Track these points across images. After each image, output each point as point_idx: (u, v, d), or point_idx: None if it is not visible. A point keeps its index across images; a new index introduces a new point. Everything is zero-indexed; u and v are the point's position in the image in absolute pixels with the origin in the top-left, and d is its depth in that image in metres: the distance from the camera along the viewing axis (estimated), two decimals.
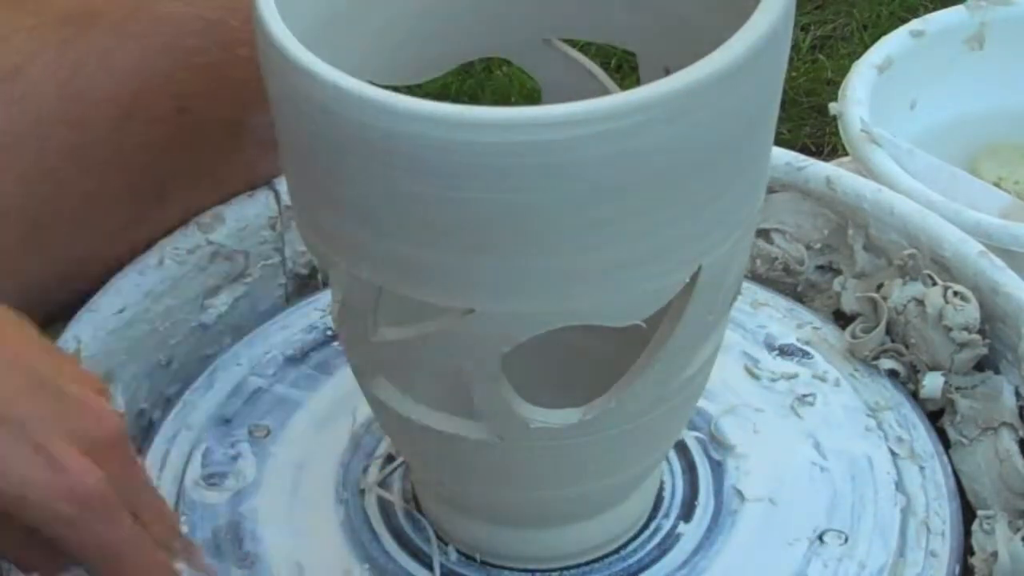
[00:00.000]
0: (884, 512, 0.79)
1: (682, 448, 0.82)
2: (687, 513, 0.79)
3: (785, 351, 0.88)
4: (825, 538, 0.77)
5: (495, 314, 0.60)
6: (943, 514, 0.79)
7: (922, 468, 0.82)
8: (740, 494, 0.79)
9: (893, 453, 0.82)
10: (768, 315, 0.91)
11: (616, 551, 0.77)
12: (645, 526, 0.78)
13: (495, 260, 0.58)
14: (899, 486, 0.80)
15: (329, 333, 0.90)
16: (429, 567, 0.76)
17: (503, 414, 0.64)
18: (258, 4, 0.59)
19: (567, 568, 0.77)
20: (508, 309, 0.60)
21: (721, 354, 0.71)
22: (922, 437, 0.84)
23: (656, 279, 0.60)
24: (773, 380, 0.86)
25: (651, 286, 0.60)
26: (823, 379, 0.87)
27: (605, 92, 0.71)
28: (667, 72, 0.66)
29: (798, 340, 0.89)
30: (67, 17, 0.82)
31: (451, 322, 0.60)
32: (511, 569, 0.76)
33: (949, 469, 0.82)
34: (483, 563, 0.77)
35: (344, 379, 0.85)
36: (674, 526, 0.78)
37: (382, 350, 0.65)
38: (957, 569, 0.77)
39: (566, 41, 0.76)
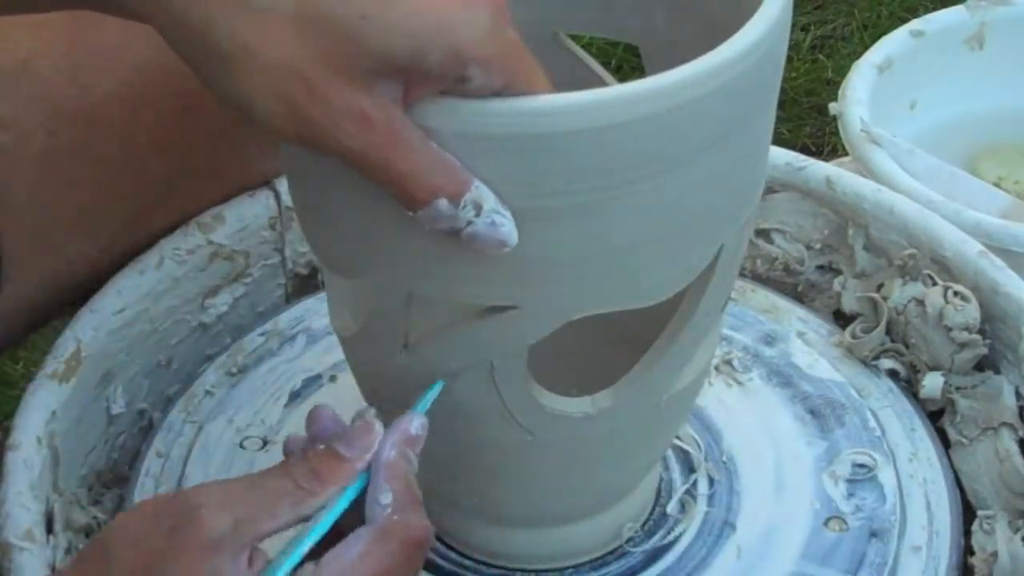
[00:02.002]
0: (884, 511, 0.79)
1: (683, 450, 0.82)
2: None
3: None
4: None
5: (538, 308, 0.60)
6: (943, 514, 0.79)
7: (922, 468, 0.82)
8: (738, 493, 0.80)
9: (893, 453, 0.82)
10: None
11: (615, 550, 0.77)
12: (644, 525, 0.78)
13: (543, 253, 0.58)
14: (899, 486, 0.80)
15: None
16: (431, 569, 0.77)
17: (526, 404, 0.64)
18: None
19: (569, 568, 0.77)
20: (551, 303, 0.60)
21: None
22: (922, 437, 0.84)
23: (685, 258, 0.62)
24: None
25: (681, 265, 0.62)
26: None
27: None
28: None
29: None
30: (74, 15, 0.82)
31: (489, 320, 0.60)
32: (512, 569, 0.77)
33: (949, 469, 0.82)
34: (483, 564, 0.77)
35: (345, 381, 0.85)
36: (672, 526, 0.78)
37: (410, 359, 0.65)
38: (957, 569, 0.77)
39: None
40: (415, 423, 0.61)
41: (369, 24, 0.51)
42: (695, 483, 0.80)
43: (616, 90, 0.55)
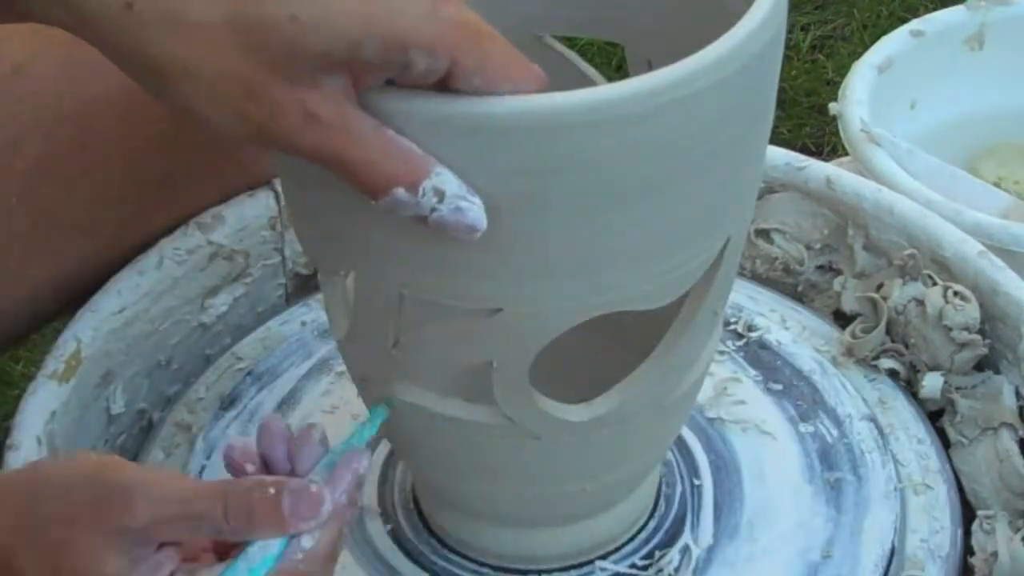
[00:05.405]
0: (884, 512, 0.79)
1: (684, 451, 0.82)
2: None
3: None
4: (828, 554, 0.77)
5: (522, 312, 0.60)
6: (943, 514, 0.79)
7: (921, 468, 0.82)
8: (740, 499, 0.80)
9: (892, 453, 0.82)
10: None
11: (616, 550, 0.77)
12: (644, 525, 0.78)
13: (525, 257, 0.58)
14: (898, 486, 0.80)
15: None
16: (431, 570, 0.77)
17: (524, 409, 0.64)
18: None
19: (568, 568, 0.77)
20: (535, 307, 0.60)
21: None
22: (922, 437, 0.84)
23: (686, 260, 0.61)
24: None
25: (681, 269, 0.61)
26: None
27: None
28: (650, 65, 0.67)
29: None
30: None
31: (477, 323, 0.60)
32: (513, 570, 0.76)
33: (949, 469, 0.82)
34: (484, 564, 0.77)
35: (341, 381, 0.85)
36: (673, 525, 0.78)
37: (402, 355, 0.64)
38: (957, 569, 0.77)
39: (565, 40, 0.76)
40: (364, 463, 0.60)
41: (300, 24, 0.51)
42: (695, 483, 0.80)
43: (613, 88, 0.55)
